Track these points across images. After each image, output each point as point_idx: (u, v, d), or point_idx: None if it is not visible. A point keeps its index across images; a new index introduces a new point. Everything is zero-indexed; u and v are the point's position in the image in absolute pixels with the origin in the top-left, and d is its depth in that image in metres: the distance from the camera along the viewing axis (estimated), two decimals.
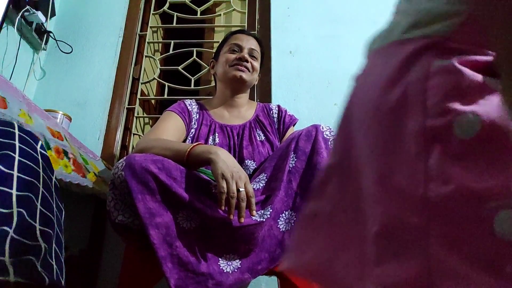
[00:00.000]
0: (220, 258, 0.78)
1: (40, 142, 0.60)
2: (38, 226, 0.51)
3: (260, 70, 1.19)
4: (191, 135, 1.06)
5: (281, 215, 0.83)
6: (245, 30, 1.35)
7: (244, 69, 1.10)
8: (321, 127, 0.90)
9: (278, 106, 1.20)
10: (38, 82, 1.62)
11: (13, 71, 1.41)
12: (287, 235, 0.81)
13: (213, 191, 0.81)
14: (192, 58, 1.69)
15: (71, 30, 1.72)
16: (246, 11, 1.76)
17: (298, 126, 1.10)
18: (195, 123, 1.09)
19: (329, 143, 0.88)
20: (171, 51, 1.70)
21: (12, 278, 0.43)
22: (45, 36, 1.60)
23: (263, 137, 1.09)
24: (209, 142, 1.04)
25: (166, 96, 1.64)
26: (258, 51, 1.16)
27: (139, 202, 0.73)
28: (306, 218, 0.48)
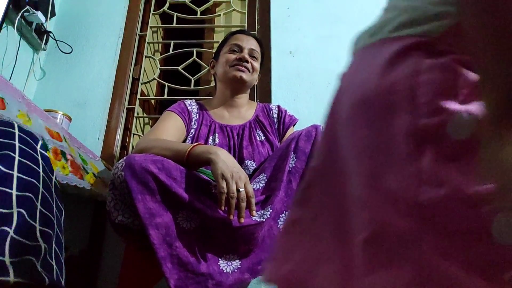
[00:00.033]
0: (220, 258, 0.78)
1: (40, 142, 0.60)
2: (38, 226, 0.51)
3: (260, 70, 1.19)
4: (191, 135, 1.06)
5: (281, 215, 0.83)
6: (245, 30, 1.35)
7: (244, 69, 1.10)
8: (321, 127, 0.90)
9: (278, 106, 1.20)
10: (38, 82, 1.61)
11: (13, 71, 1.41)
12: None
13: (213, 191, 0.81)
14: (192, 58, 1.69)
15: (71, 30, 1.72)
16: (246, 11, 1.76)
17: (298, 126, 1.10)
18: (195, 123, 1.09)
19: None
20: (171, 51, 1.70)
21: (12, 278, 0.43)
22: (45, 36, 1.60)
23: (263, 137, 1.09)
24: (209, 142, 1.04)
25: (166, 96, 1.64)
26: (258, 51, 1.16)
27: (139, 202, 0.73)
28: (288, 224, 0.46)
